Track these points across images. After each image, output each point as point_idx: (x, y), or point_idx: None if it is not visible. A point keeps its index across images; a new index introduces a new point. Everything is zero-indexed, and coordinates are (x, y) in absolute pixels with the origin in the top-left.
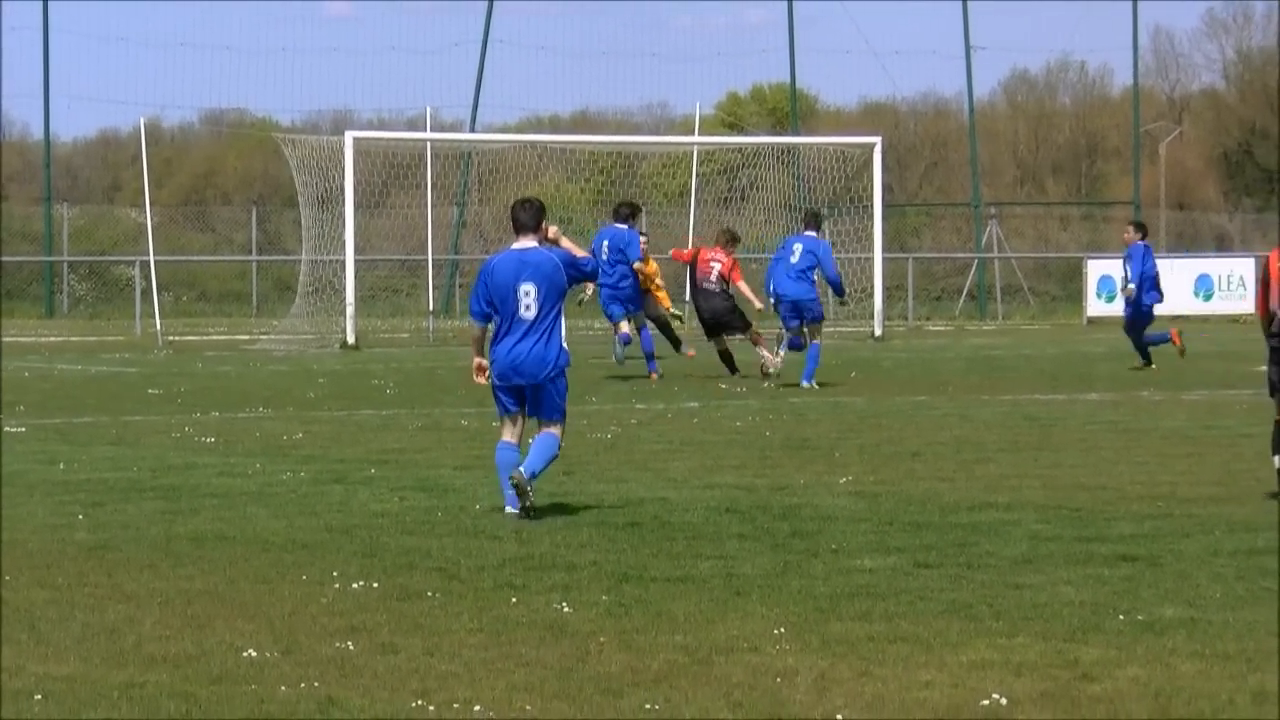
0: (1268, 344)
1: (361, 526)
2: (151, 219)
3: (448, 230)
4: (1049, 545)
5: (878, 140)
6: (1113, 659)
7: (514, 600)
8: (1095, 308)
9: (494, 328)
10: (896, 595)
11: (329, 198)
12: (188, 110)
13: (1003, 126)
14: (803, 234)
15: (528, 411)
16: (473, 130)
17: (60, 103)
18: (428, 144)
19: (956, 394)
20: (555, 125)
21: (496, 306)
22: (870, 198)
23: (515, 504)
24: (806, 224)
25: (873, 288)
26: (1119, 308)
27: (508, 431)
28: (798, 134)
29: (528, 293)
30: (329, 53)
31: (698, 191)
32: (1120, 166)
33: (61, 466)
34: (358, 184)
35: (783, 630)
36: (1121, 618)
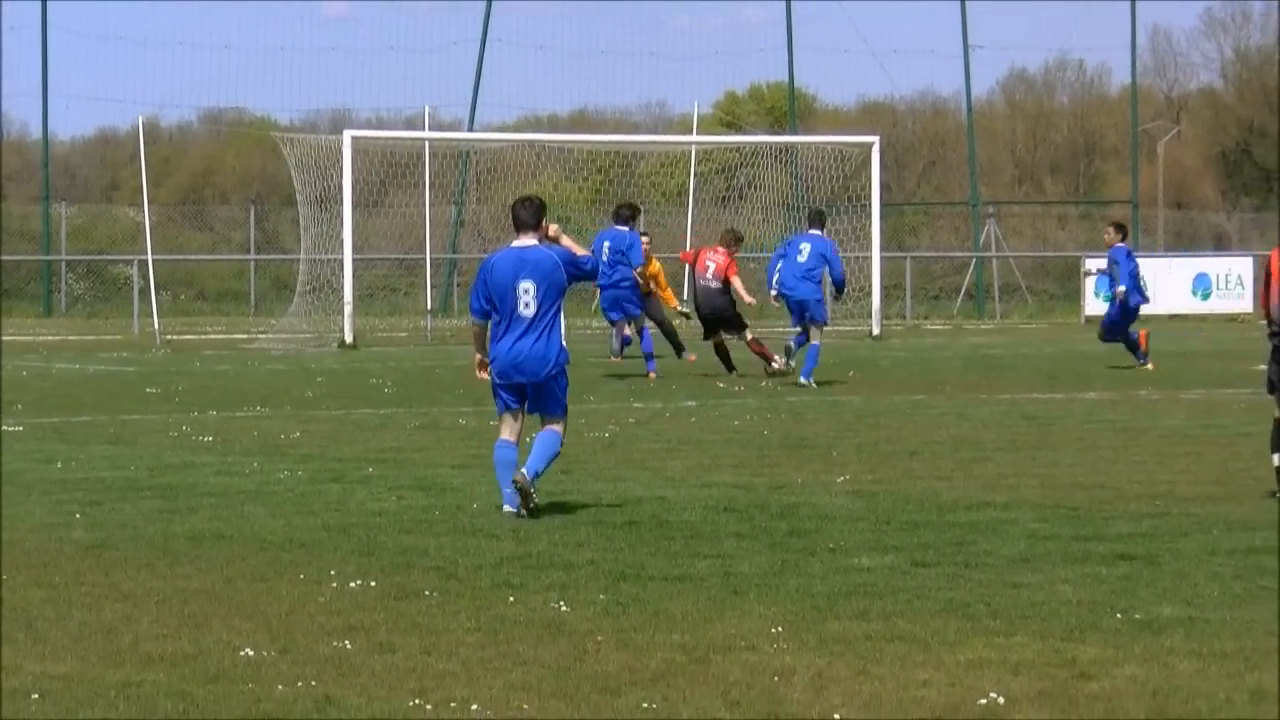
0: (1269, 342)
1: (359, 525)
2: (150, 218)
3: (446, 229)
4: (1047, 544)
5: (876, 139)
6: (1110, 658)
7: (511, 599)
8: (1093, 306)
9: (494, 325)
10: (894, 594)
11: (327, 197)
12: (186, 109)
13: (1001, 126)
14: (809, 233)
15: (529, 409)
16: (471, 129)
17: (59, 102)
18: (426, 143)
19: (954, 393)
20: (553, 124)
21: (496, 304)
22: (868, 197)
23: (513, 502)
24: (811, 223)
25: (871, 287)
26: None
27: (506, 430)
28: (796, 133)
29: (527, 290)
30: (327, 52)
31: (696, 191)
32: (1118, 165)
33: (59, 465)
34: (356, 183)
35: (780, 629)
36: (1119, 616)
